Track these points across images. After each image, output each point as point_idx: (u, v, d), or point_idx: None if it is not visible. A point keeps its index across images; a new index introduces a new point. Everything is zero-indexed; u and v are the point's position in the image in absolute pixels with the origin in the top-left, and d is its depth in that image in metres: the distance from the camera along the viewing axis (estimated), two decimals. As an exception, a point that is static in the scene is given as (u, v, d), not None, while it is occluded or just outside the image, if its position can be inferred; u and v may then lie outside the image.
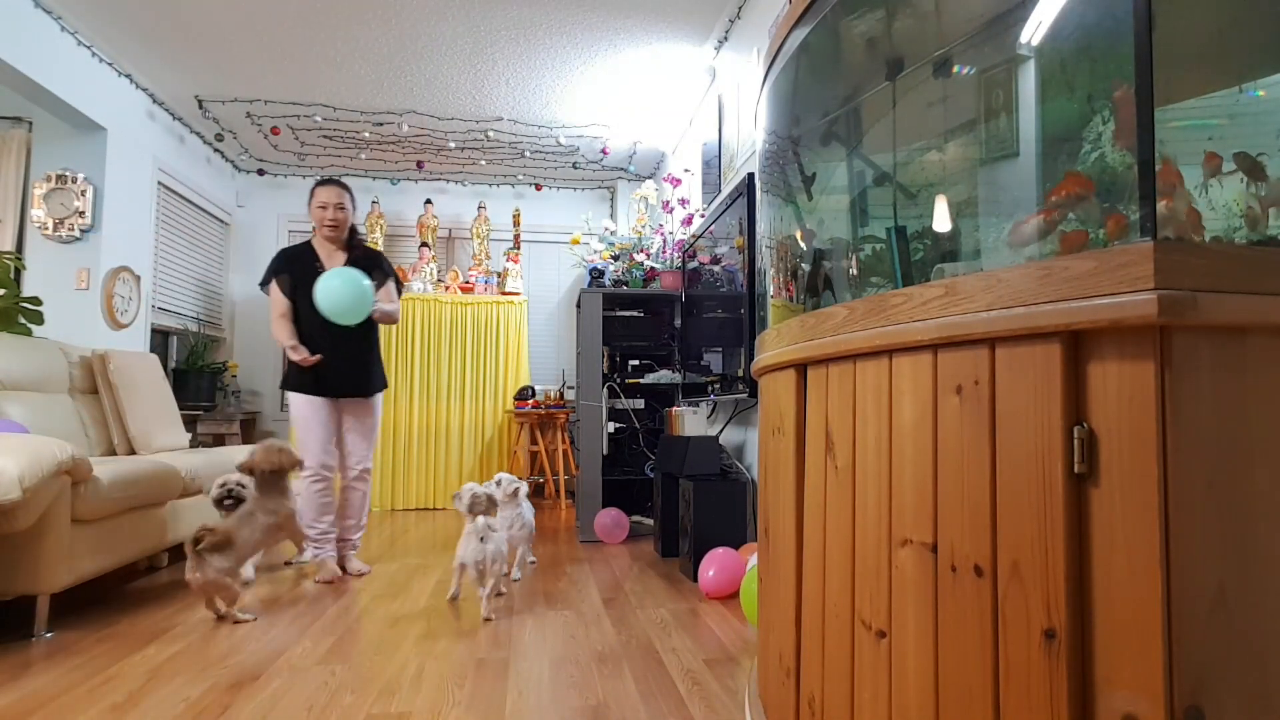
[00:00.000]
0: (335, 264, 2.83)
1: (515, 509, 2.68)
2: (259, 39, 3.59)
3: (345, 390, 2.79)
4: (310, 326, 2.75)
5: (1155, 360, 0.58)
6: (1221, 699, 0.57)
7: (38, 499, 1.97)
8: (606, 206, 5.76)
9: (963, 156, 1.10)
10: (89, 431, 3.03)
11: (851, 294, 1.26)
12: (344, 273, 2.61)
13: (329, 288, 2.58)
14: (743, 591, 2.14)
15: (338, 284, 2.58)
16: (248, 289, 5.37)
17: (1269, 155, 0.84)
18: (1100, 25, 0.77)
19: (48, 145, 3.74)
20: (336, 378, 2.76)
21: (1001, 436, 0.71)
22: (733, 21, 3.37)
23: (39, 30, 3.24)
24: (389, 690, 1.65)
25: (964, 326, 0.74)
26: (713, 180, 3.80)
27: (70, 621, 2.19)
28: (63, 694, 1.63)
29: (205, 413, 4.72)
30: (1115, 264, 0.60)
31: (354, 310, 2.61)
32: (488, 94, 4.19)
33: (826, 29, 1.28)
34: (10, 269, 3.14)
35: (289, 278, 2.77)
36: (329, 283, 2.58)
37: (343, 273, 2.61)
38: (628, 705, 1.59)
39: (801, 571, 1.14)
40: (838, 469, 1.01)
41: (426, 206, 5.27)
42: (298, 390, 2.73)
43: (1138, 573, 0.59)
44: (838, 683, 0.99)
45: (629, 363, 4.30)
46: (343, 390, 2.78)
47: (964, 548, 0.75)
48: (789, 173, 1.47)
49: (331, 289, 2.57)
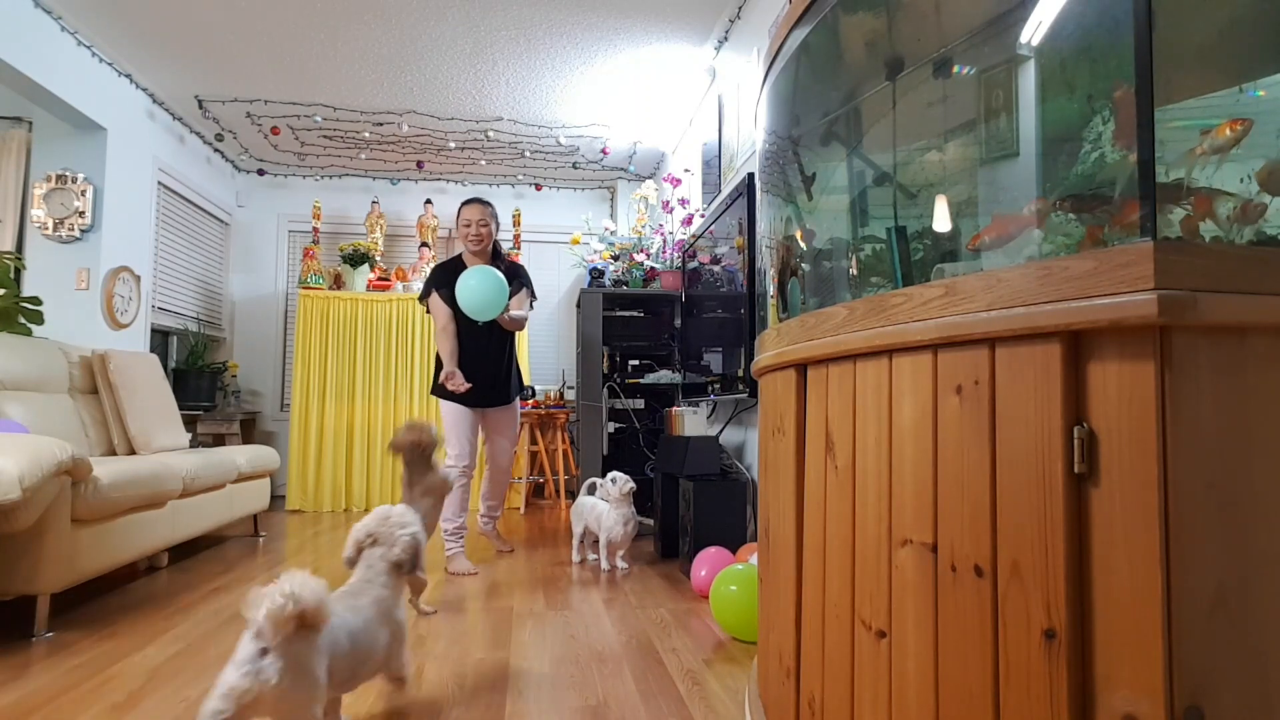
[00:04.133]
0: None
1: (628, 507, 2.90)
2: (259, 39, 3.59)
3: (489, 401, 3.09)
4: (461, 341, 3.03)
5: (1155, 360, 0.58)
6: (1221, 699, 0.57)
7: (38, 499, 1.97)
8: (606, 206, 5.76)
9: (963, 156, 1.10)
10: (89, 431, 3.03)
11: (851, 294, 1.26)
12: (480, 271, 2.82)
13: (467, 287, 2.79)
14: (712, 595, 2.08)
15: (474, 283, 2.79)
16: (248, 289, 5.38)
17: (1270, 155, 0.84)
18: (1100, 25, 0.77)
19: (48, 145, 3.74)
20: (481, 390, 3.04)
21: (1001, 436, 0.71)
22: (733, 21, 3.37)
23: (39, 30, 3.24)
24: (389, 690, 1.65)
25: (964, 326, 0.74)
26: (713, 180, 3.80)
27: (70, 621, 2.19)
28: (63, 694, 1.63)
29: (205, 413, 4.72)
30: (1115, 264, 0.60)
31: (490, 306, 2.81)
32: (488, 94, 4.19)
33: (826, 29, 1.28)
34: (10, 269, 3.14)
35: (449, 291, 3.00)
36: (467, 282, 2.80)
37: (478, 271, 2.82)
38: (628, 705, 1.59)
39: (801, 571, 1.14)
40: (838, 469, 1.01)
41: (426, 206, 5.27)
42: (447, 399, 3.03)
43: (1138, 573, 0.59)
44: (838, 683, 0.99)
45: (629, 363, 4.30)
46: (487, 401, 3.09)
47: (964, 548, 0.75)
48: (789, 173, 1.47)
49: (469, 288, 2.78)
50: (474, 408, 3.06)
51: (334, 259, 5.25)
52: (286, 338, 5.41)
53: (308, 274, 4.89)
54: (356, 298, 4.88)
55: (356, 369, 4.82)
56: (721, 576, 2.06)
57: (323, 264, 5.06)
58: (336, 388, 4.81)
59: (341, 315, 4.85)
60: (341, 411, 4.81)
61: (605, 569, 2.97)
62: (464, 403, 3.02)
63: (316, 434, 4.75)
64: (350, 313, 4.86)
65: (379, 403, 4.82)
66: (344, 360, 4.81)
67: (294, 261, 5.45)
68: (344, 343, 4.82)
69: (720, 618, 2.05)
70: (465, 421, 3.03)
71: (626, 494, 2.88)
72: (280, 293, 5.42)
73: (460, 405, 3.02)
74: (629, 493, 2.89)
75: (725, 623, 2.04)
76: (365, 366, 4.84)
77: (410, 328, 4.91)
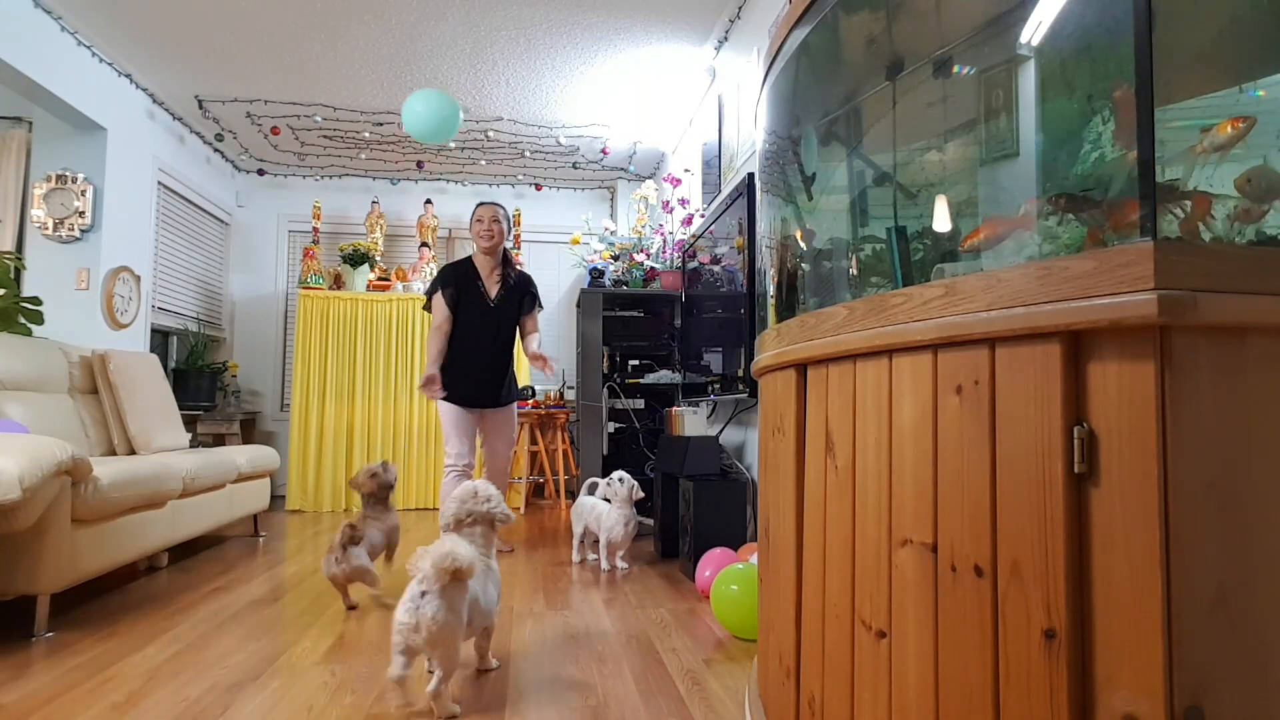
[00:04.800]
0: (492, 280, 3.14)
1: (630, 509, 2.92)
2: (259, 39, 3.59)
3: (485, 403, 3.09)
4: (463, 342, 3.04)
5: (1155, 360, 0.58)
6: (1221, 699, 0.57)
7: (38, 499, 1.97)
8: (606, 206, 5.76)
9: (962, 156, 1.10)
10: (89, 431, 3.03)
11: (851, 294, 1.26)
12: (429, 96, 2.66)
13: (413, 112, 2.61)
14: (713, 594, 2.08)
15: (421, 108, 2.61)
16: (248, 289, 5.38)
17: (1269, 156, 0.84)
18: (1100, 25, 0.77)
19: (48, 145, 3.74)
20: (478, 393, 3.06)
21: (1001, 436, 0.71)
22: (733, 21, 3.37)
23: (39, 30, 3.24)
24: (389, 690, 1.65)
25: (964, 326, 0.74)
26: (713, 180, 3.80)
27: (70, 621, 2.19)
28: (63, 694, 1.63)
29: (205, 413, 4.72)
30: (1115, 264, 0.60)
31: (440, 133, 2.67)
32: (488, 94, 4.19)
33: (826, 29, 1.28)
34: (10, 269, 3.14)
35: (454, 291, 3.06)
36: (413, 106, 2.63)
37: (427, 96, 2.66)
38: (628, 705, 1.59)
39: (801, 571, 1.14)
40: (838, 469, 1.01)
41: (426, 206, 5.27)
42: (445, 400, 3.04)
43: (1138, 573, 0.59)
44: (838, 683, 0.99)
45: (629, 363, 4.30)
46: (483, 403, 3.09)
47: (964, 548, 0.75)
48: (789, 173, 1.47)
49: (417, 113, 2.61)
50: (471, 409, 3.07)
51: (334, 259, 5.25)
52: (286, 338, 5.41)
53: (308, 274, 4.89)
54: (356, 298, 4.88)
55: (356, 369, 4.82)
56: (722, 575, 2.06)
57: (323, 264, 5.06)
58: (336, 388, 4.81)
59: (341, 315, 4.85)
60: (341, 411, 4.81)
61: (605, 569, 2.97)
62: (462, 404, 3.04)
63: (316, 434, 4.75)
64: (350, 313, 4.86)
65: (379, 403, 4.82)
66: (344, 360, 4.81)
67: (294, 261, 5.45)
68: (344, 343, 4.82)
69: (721, 616, 2.05)
70: (464, 421, 3.05)
71: (631, 497, 2.89)
72: (280, 293, 5.42)
73: (458, 406, 3.04)
74: (632, 495, 2.89)
75: (726, 621, 2.04)
76: (365, 366, 4.84)
77: (410, 328, 4.91)
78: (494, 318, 3.10)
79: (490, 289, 3.11)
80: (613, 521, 2.91)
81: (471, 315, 3.07)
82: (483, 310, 3.09)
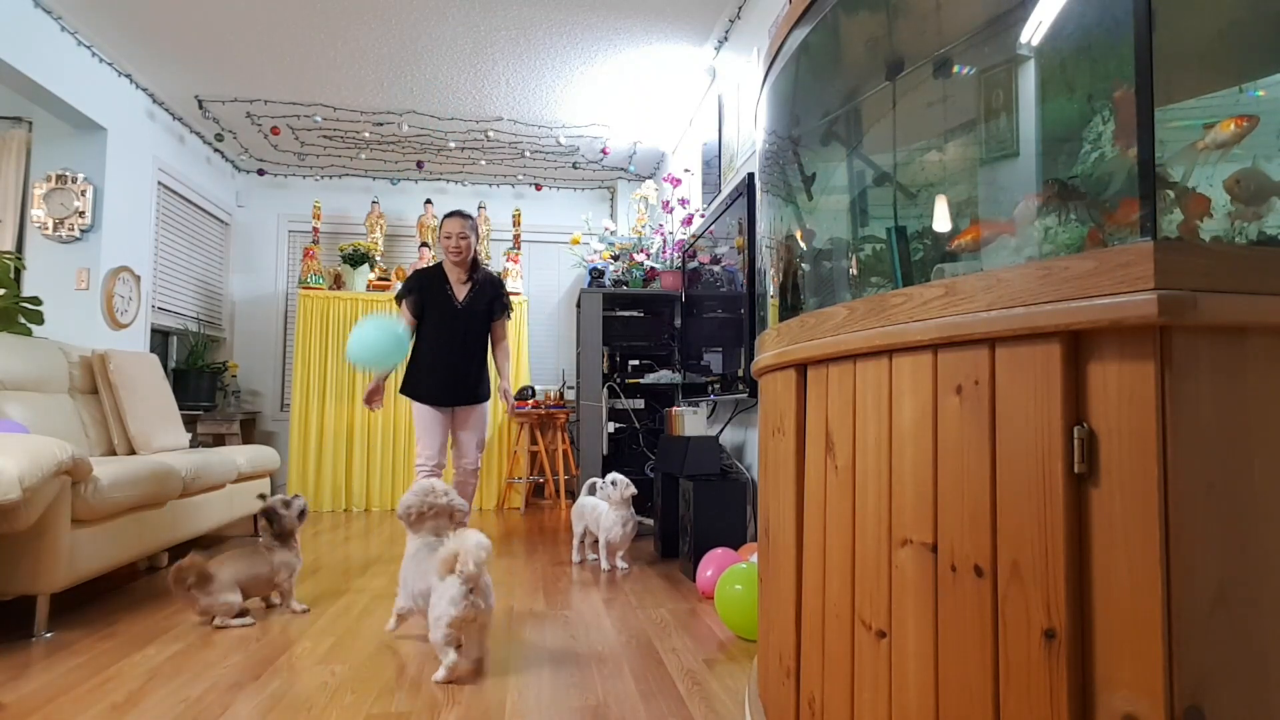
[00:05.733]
0: (461, 288, 3.08)
1: (628, 510, 2.94)
2: (259, 39, 3.59)
3: (455, 400, 3.06)
4: (431, 344, 3.03)
5: (1155, 360, 0.58)
6: (1221, 699, 0.57)
7: (38, 499, 1.97)
8: (606, 206, 5.76)
9: (962, 156, 1.10)
10: (89, 431, 3.03)
11: (851, 294, 1.26)
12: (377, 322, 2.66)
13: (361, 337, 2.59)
14: (717, 594, 2.08)
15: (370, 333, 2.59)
16: (248, 289, 5.37)
17: (1270, 155, 0.84)
18: (1100, 25, 0.77)
19: (48, 145, 3.74)
20: (448, 391, 3.03)
21: (1001, 436, 0.71)
22: (733, 21, 3.37)
23: (39, 30, 3.24)
24: (389, 690, 1.65)
25: (964, 326, 0.74)
26: (713, 180, 3.80)
27: (70, 621, 2.19)
28: (63, 694, 1.63)
29: (205, 413, 4.72)
30: (1115, 264, 0.60)
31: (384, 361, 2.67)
32: (488, 94, 4.19)
33: (826, 29, 1.28)
34: (10, 269, 3.14)
35: (417, 297, 3.04)
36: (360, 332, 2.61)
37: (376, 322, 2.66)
38: (628, 705, 1.59)
39: (801, 571, 1.14)
40: (838, 469, 1.01)
41: (426, 206, 5.26)
42: (415, 399, 3.03)
43: (1138, 573, 0.59)
44: (838, 683, 0.99)
45: (629, 363, 4.30)
46: (455, 400, 3.06)
47: (964, 548, 0.75)
48: (789, 173, 1.47)
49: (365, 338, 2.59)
50: (443, 407, 3.04)
51: (334, 259, 5.25)
52: (286, 338, 5.41)
53: (308, 274, 4.89)
54: (356, 298, 4.88)
55: (356, 369, 4.82)
56: (727, 575, 2.06)
57: (323, 264, 5.06)
58: (336, 388, 4.81)
59: (341, 315, 4.85)
60: (341, 412, 4.81)
61: (605, 569, 2.97)
62: (432, 404, 3.02)
63: (316, 434, 4.75)
64: (350, 313, 4.86)
65: (379, 403, 4.82)
66: (344, 360, 4.81)
67: (294, 261, 5.44)
68: (344, 343, 4.82)
69: (725, 616, 2.05)
70: (435, 423, 3.02)
71: (626, 498, 2.89)
72: (280, 293, 5.42)
73: (429, 407, 3.02)
74: (629, 496, 2.89)
75: (730, 621, 2.04)
76: (365, 366, 4.84)
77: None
78: (463, 320, 3.05)
79: (458, 292, 3.07)
80: (611, 522, 2.91)
81: (438, 318, 3.04)
82: (451, 313, 3.05)
